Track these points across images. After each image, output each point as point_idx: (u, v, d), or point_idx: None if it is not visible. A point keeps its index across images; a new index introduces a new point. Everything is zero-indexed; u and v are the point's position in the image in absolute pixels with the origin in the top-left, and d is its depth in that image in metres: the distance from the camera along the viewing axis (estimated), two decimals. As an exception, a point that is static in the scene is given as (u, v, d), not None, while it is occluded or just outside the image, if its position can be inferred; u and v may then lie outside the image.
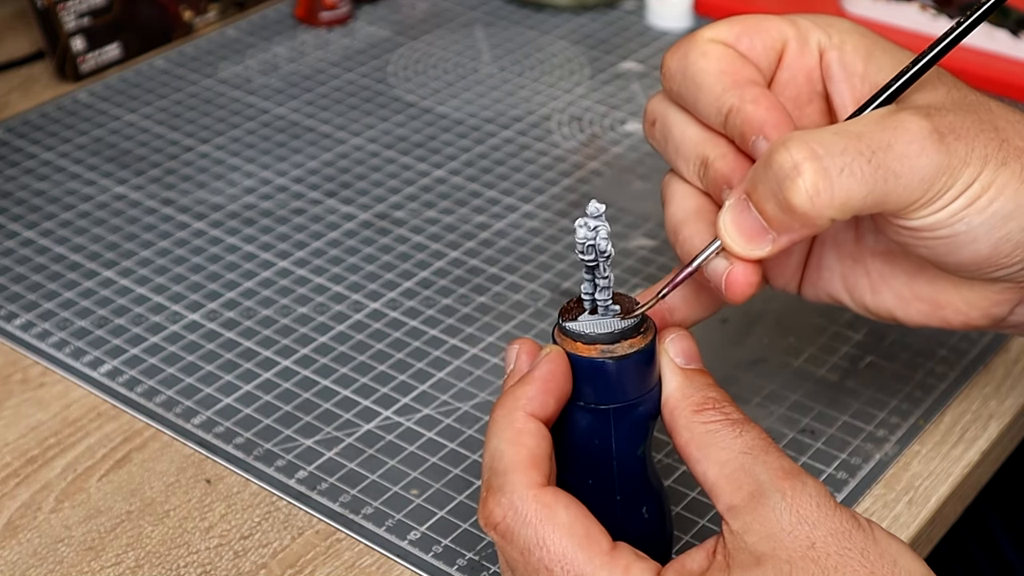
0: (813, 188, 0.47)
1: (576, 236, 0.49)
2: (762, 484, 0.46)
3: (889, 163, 0.47)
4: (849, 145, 0.47)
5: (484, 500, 0.48)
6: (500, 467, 0.48)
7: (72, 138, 0.84)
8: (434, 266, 0.73)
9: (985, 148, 0.48)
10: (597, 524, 0.47)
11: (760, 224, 0.49)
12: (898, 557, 0.46)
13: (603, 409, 0.49)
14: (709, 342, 0.67)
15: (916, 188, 0.48)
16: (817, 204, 0.47)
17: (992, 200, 0.48)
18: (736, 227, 0.49)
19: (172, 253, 0.74)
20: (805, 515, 0.46)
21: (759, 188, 0.48)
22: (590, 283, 0.50)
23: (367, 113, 0.87)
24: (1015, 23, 0.84)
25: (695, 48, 0.53)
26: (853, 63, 0.53)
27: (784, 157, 0.47)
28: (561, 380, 0.49)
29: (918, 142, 0.48)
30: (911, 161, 0.47)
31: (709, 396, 0.49)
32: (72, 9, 0.89)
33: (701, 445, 0.48)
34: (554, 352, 0.49)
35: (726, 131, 0.52)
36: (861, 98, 0.53)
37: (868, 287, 0.55)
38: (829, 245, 0.55)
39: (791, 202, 0.47)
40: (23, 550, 0.58)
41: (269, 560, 0.57)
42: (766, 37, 0.54)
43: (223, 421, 0.64)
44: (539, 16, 0.97)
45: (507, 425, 0.48)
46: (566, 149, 0.83)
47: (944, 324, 0.54)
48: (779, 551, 0.45)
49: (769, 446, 0.48)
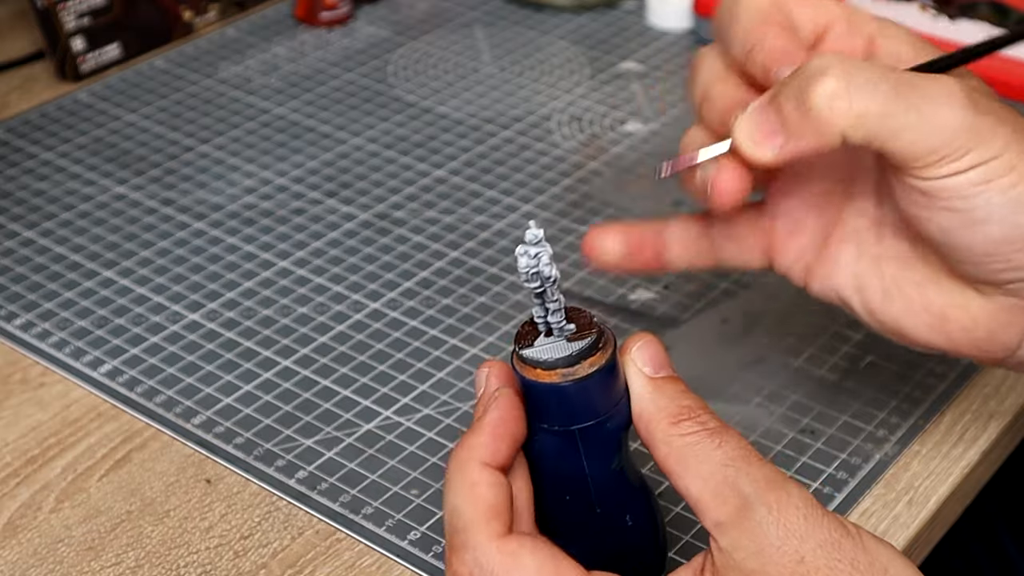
0: (834, 91, 0.48)
1: (518, 265, 0.47)
2: (747, 497, 0.46)
3: (915, 99, 0.48)
4: (881, 72, 0.48)
5: (448, 560, 0.47)
6: (460, 524, 0.47)
7: (72, 138, 0.84)
8: (434, 266, 0.73)
9: (1011, 134, 0.49)
10: (567, 560, 0.47)
11: (774, 125, 0.49)
12: (889, 564, 0.46)
13: (570, 431, 0.48)
14: (709, 342, 0.67)
15: (937, 134, 0.48)
16: (835, 109, 0.48)
17: (1015, 184, 0.48)
18: (749, 121, 0.50)
19: (172, 253, 0.74)
20: (793, 528, 0.45)
21: (784, 89, 0.49)
22: (540, 307, 0.48)
23: (367, 113, 0.87)
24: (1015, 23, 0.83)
25: None
26: (901, 55, 0.53)
27: (816, 61, 0.48)
28: (512, 424, 0.48)
29: (948, 94, 0.48)
30: (937, 106, 0.48)
31: (683, 405, 0.48)
32: (72, 9, 0.89)
33: (681, 459, 0.47)
34: (503, 395, 0.49)
35: (749, 68, 0.53)
36: None
37: (880, 290, 0.54)
38: (849, 241, 0.55)
39: (811, 100, 0.48)
40: (23, 550, 0.58)
41: (269, 560, 0.57)
42: (818, 9, 0.54)
43: (223, 421, 0.64)
44: (539, 16, 0.97)
45: (461, 480, 0.48)
46: (566, 149, 0.83)
47: (948, 342, 0.53)
48: (768, 567, 0.45)
49: (750, 455, 0.47)
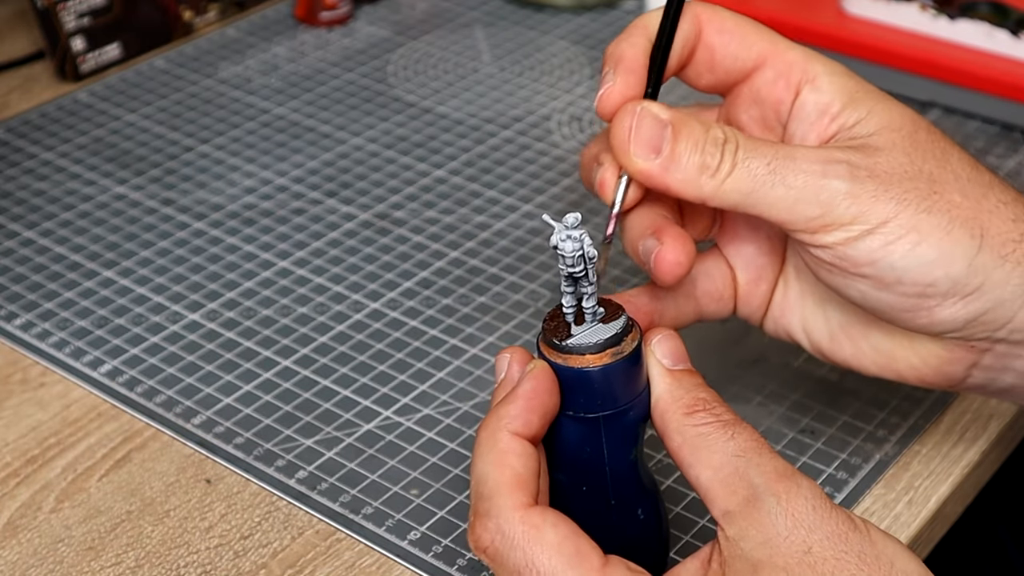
0: (703, 165, 0.50)
1: (563, 251, 0.48)
2: (756, 488, 0.46)
3: (786, 173, 0.50)
4: (756, 149, 0.50)
5: (472, 525, 0.47)
6: (486, 491, 0.47)
7: (72, 138, 0.84)
8: (434, 266, 0.73)
9: (906, 193, 0.50)
10: (587, 540, 0.47)
11: (658, 142, 0.50)
12: (895, 558, 0.46)
13: (593, 418, 0.49)
14: (709, 342, 0.67)
15: (809, 205, 0.49)
16: (701, 181, 0.50)
17: (915, 244, 0.49)
18: (639, 129, 0.51)
19: (172, 253, 0.74)
20: (801, 519, 0.46)
21: (680, 136, 0.51)
22: (572, 295, 0.49)
23: (367, 113, 0.87)
24: (1015, 23, 0.83)
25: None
26: (831, 106, 0.53)
27: (712, 131, 0.51)
28: (545, 396, 0.49)
29: (824, 164, 0.50)
30: (808, 178, 0.50)
31: (699, 397, 0.49)
32: (72, 9, 0.89)
33: (693, 449, 0.48)
34: (538, 368, 0.49)
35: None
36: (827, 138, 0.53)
37: (826, 333, 0.55)
38: (792, 283, 0.56)
39: (679, 163, 0.50)
40: (23, 550, 0.58)
41: (269, 560, 0.57)
42: (745, 48, 0.54)
43: (223, 421, 0.64)
44: (539, 16, 0.97)
45: (491, 447, 0.48)
46: (566, 149, 0.83)
47: (898, 378, 0.55)
48: (775, 557, 0.45)
49: (762, 447, 0.47)
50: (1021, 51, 0.83)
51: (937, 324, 0.51)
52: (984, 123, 0.84)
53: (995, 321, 0.51)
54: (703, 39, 0.54)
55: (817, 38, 0.88)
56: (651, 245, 0.52)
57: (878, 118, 0.52)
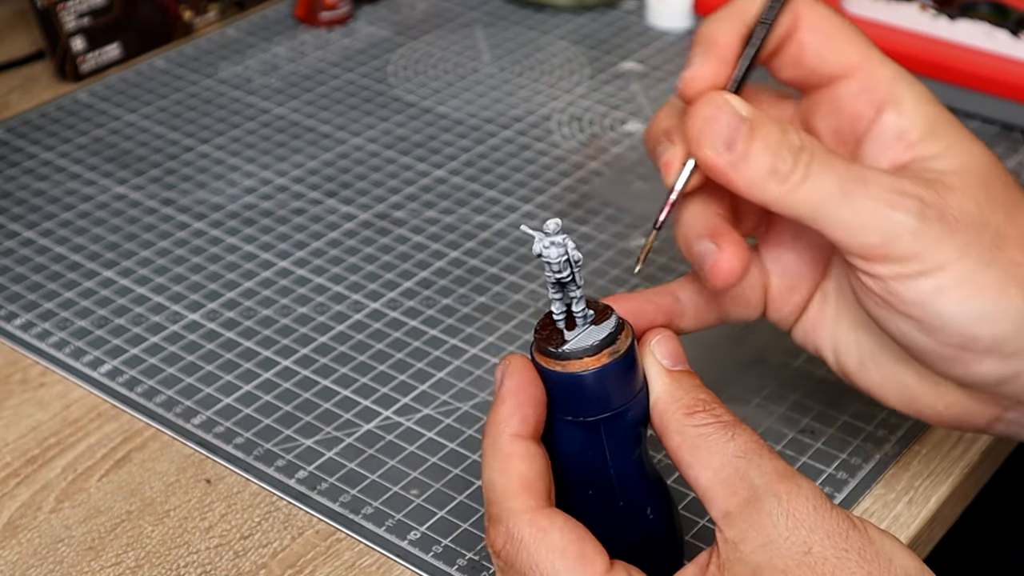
0: (771, 169, 0.49)
1: (548, 258, 0.47)
2: (757, 489, 0.46)
3: (857, 195, 0.48)
4: (830, 164, 0.49)
5: (487, 530, 0.48)
6: (495, 496, 0.48)
7: (72, 138, 0.84)
8: (434, 266, 0.73)
9: (969, 242, 0.49)
10: (593, 543, 0.47)
11: (733, 136, 0.49)
12: (893, 555, 0.46)
13: (593, 421, 0.49)
14: (709, 342, 0.67)
15: (872, 234, 0.49)
16: (768, 186, 0.49)
17: (967, 296, 0.49)
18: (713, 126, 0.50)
19: (172, 253, 0.74)
20: (801, 519, 0.45)
21: (757, 133, 0.49)
22: (561, 301, 0.48)
23: (367, 113, 0.87)
24: (1015, 23, 0.83)
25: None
26: (911, 133, 0.52)
27: (790, 136, 0.49)
28: (531, 387, 0.48)
29: (896, 195, 0.49)
30: (877, 206, 0.48)
31: (699, 398, 0.49)
32: (72, 9, 0.89)
33: (693, 449, 0.48)
34: (514, 363, 0.49)
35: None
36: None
37: (855, 358, 0.55)
38: (830, 301, 0.55)
39: (751, 163, 0.49)
40: (23, 550, 0.58)
41: (269, 560, 0.57)
42: (837, 54, 0.52)
43: (223, 421, 0.64)
44: (539, 16, 0.97)
45: (494, 453, 0.48)
46: (566, 149, 0.83)
47: (918, 416, 0.54)
48: (775, 560, 0.45)
49: (762, 448, 0.47)
50: (1021, 51, 0.83)
51: (971, 376, 0.51)
52: (984, 123, 0.84)
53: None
54: (796, 35, 0.52)
55: (817, 38, 0.88)
56: (708, 249, 0.51)
57: (956, 158, 0.50)
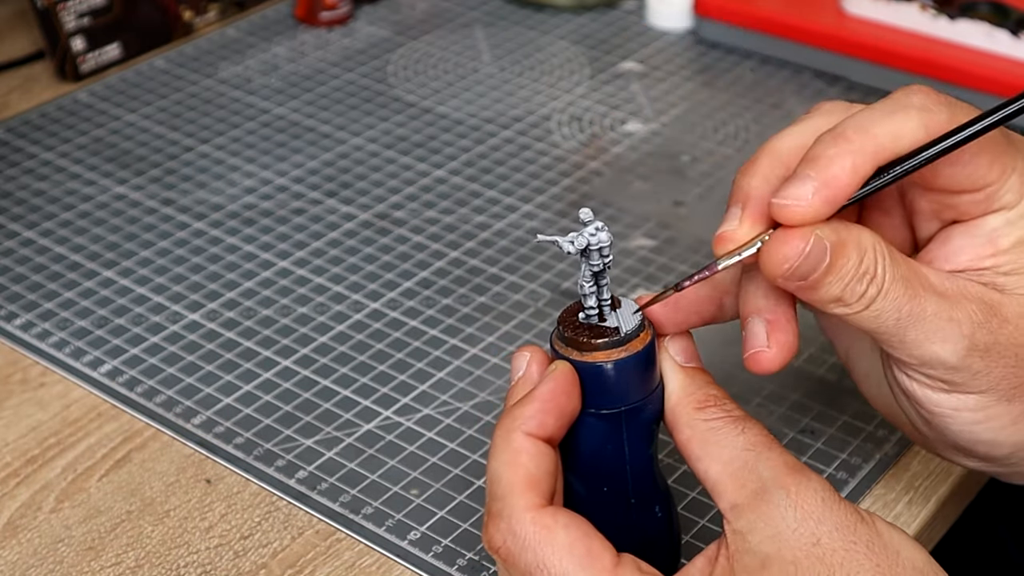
0: (842, 294, 0.48)
1: (601, 242, 0.48)
2: (765, 481, 0.46)
3: (912, 322, 0.48)
4: (899, 288, 0.48)
5: (485, 525, 0.48)
6: (499, 491, 0.47)
7: (72, 138, 0.84)
8: (434, 266, 0.73)
9: (1003, 377, 0.49)
10: (600, 540, 0.47)
11: (801, 264, 0.47)
12: (901, 548, 0.46)
13: (614, 413, 0.49)
14: (709, 342, 0.67)
15: (915, 357, 0.49)
16: (835, 305, 0.48)
17: (979, 423, 0.50)
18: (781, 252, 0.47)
19: (172, 253, 0.74)
20: (810, 511, 0.46)
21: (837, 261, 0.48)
22: (593, 295, 0.49)
23: (367, 113, 0.87)
24: (1015, 23, 0.83)
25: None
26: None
27: (865, 255, 0.48)
28: (564, 399, 0.48)
29: (949, 324, 0.48)
30: (931, 334, 0.48)
31: (710, 393, 0.49)
32: (72, 9, 0.89)
33: (703, 442, 0.48)
34: (560, 369, 0.49)
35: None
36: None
37: (864, 368, 0.55)
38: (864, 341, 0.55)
39: (826, 280, 0.48)
40: (23, 550, 0.58)
41: (269, 560, 0.57)
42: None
43: (223, 421, 0.64)
44: (539, 16, 0.97)
45: (505, 447, 0.48)
46: (566, 149, 0.83)
47: (920, 445, 0.55)
48: (784, 551, 0.45)
49: (772, 443, 0.48)
50: (1021, 51, 0.83)
51: (974, 457, 0.52)
52: (984, 123, 0.83)
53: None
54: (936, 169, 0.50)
55: (817, 38, 0.88)
56: (758, 336, 0.50)
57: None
